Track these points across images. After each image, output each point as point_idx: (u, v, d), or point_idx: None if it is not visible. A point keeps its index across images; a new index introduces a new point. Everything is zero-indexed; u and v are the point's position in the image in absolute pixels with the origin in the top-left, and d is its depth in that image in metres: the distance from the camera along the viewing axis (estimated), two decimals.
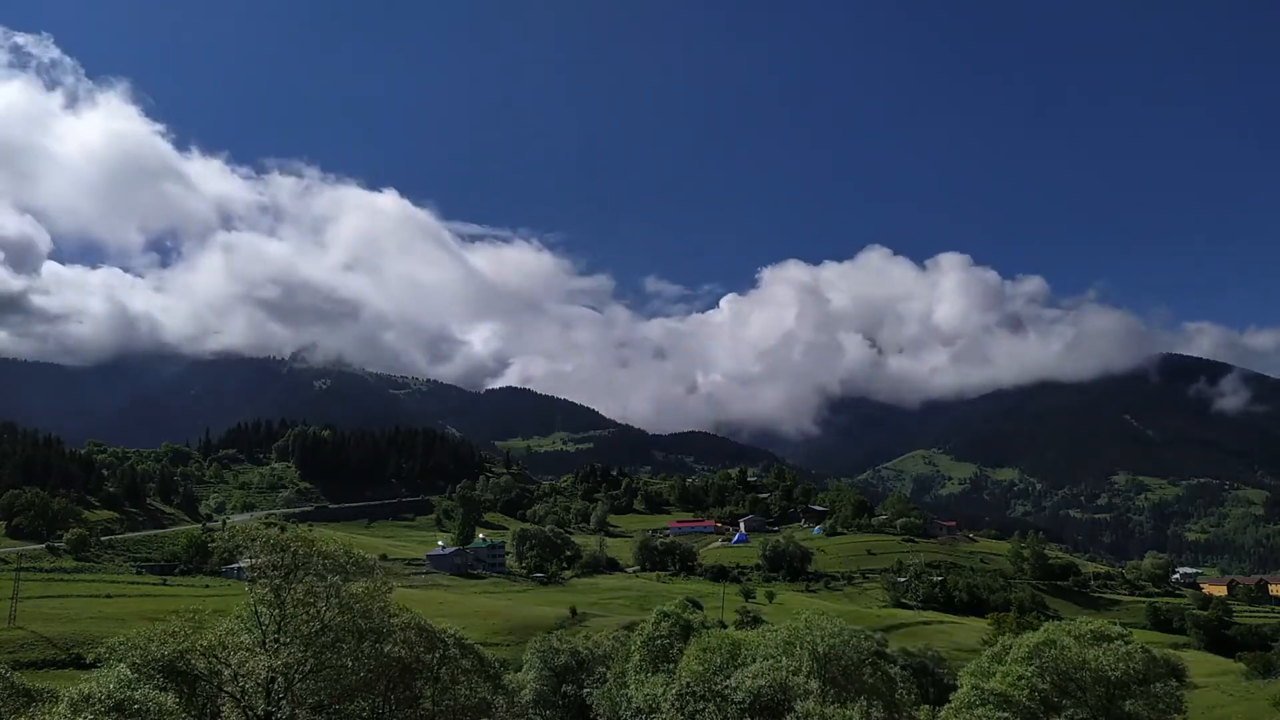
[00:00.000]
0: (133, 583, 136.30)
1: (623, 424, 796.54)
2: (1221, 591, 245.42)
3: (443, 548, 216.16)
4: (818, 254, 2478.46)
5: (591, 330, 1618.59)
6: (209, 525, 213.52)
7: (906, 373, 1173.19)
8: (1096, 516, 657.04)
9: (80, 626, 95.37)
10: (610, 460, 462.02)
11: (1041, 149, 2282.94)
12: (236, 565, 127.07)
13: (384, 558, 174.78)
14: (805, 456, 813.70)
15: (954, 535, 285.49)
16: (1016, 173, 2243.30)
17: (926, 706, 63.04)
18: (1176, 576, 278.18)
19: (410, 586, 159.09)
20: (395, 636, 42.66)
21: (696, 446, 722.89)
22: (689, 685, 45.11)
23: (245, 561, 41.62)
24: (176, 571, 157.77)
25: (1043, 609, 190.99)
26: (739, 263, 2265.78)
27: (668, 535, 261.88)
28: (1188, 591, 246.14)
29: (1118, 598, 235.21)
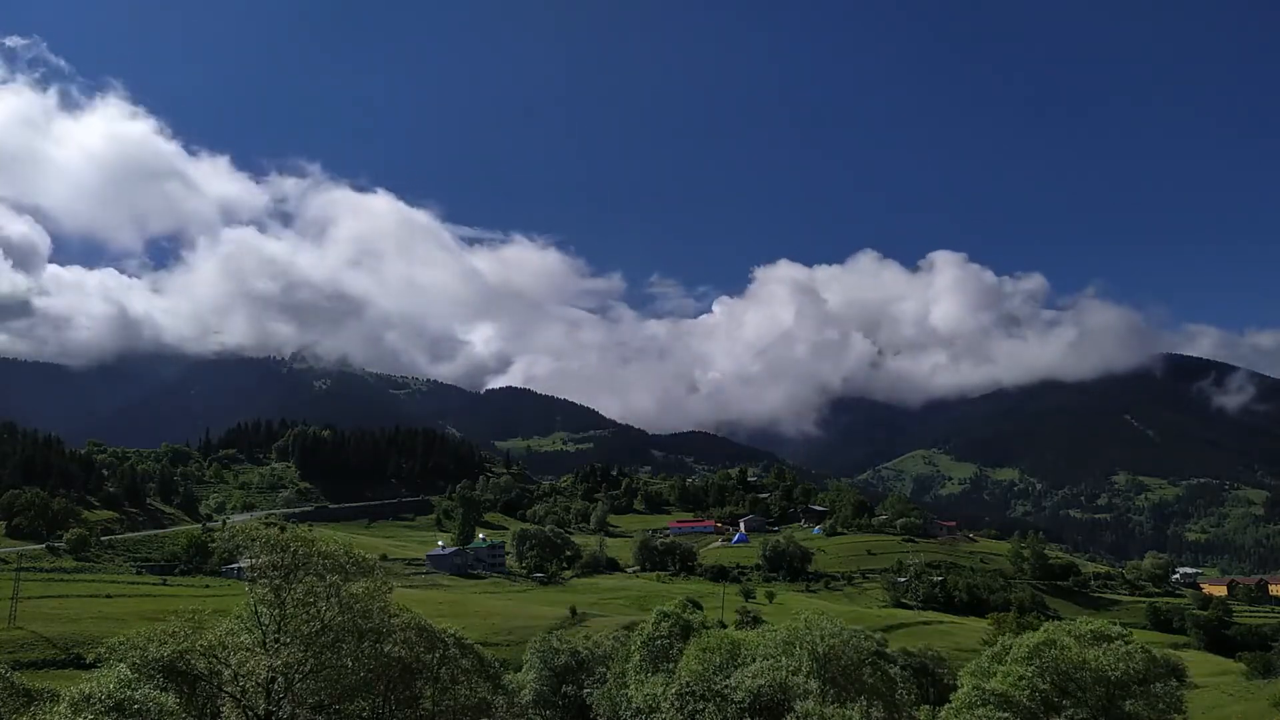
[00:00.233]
0: (133, 583, 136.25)
1: (623, 424, 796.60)
2: (1221, 591, 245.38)
3: (443, 548, 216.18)
4: (813, 255, 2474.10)
5: (590, 330, 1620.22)
6: (209, 525, 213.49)
7: (906, 373, 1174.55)
8: (1096, 516, 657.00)
9: (80, 626, 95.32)
10: (610, 460, 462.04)
11: (1038, 148, 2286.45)
12: (236, 565, 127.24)
13: (384, 558, 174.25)
14: (805, 456, 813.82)
15: (954, 535, 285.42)
16: (1013, 172, 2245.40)
17: (926, 706, 63.16)
18: (1176, 576, 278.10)
19: (410, 586, 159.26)
20: (395, 636, 42.68)
21: (696, 446, 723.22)
22: (689, 685, 45.10)
23: (245, 561, 41.62)
24: (176, 571, 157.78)
25: (1043, 609, 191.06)
26: (738, 263, 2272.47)
27: (668, 535, 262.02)
28: (1188, 591, 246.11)
29: (1118, 598, 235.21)
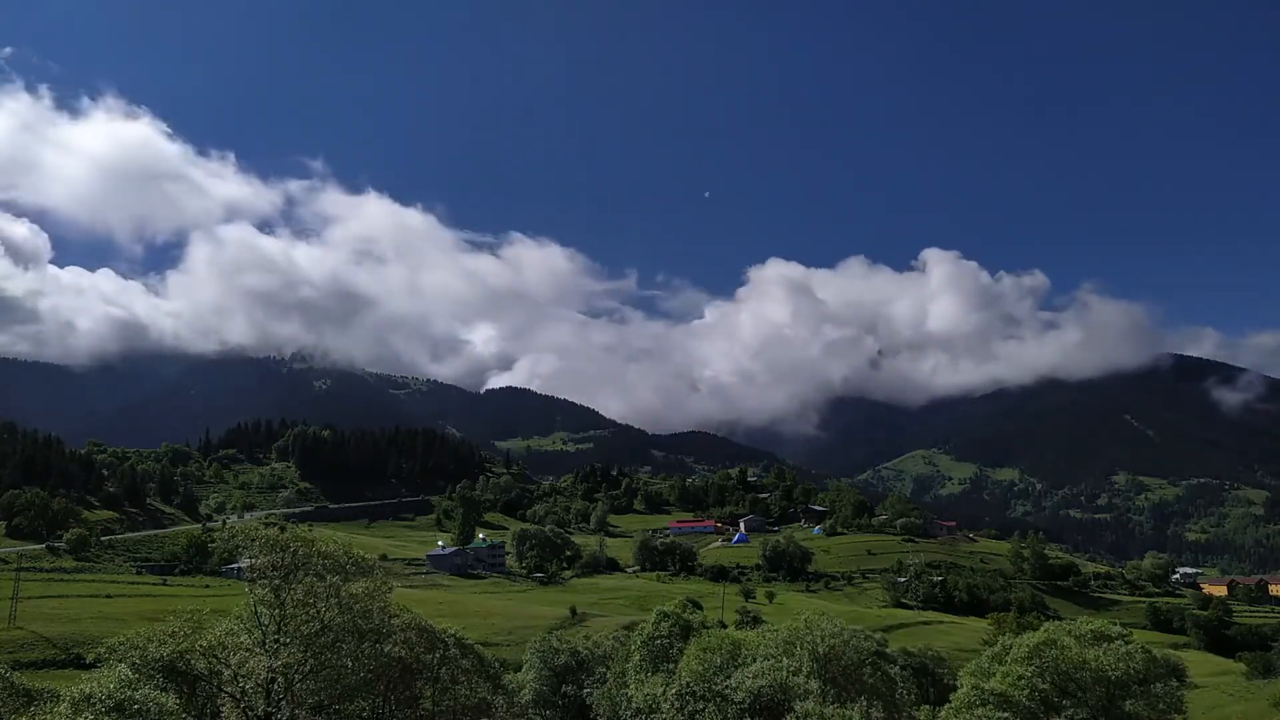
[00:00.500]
0: (133, 583, 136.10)
1: (623, 424, 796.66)
2: (1221, 591, 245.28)
3: (443, 548, 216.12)
4: (813, 254, 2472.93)
5: (590, 330, 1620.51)
6: (209, 525, 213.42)
7: (906, 373, 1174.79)
8: (1096, 516, 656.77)
9: (80, 626, 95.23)
10: (610, 460, 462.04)
11: (1036, 148, 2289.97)
12: (236, 565, 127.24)
13: (384, 558, 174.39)
14: (805, 456, 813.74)
15: (954, 535, 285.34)
16: (1010, 172, 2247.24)
17: (926, 706, 63.12)
18: (1176, 576, 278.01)
19: (410, 586, 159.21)
20: (395, 637, 42.68)
21: (696, 446, 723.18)
22: (689, 685, 45.09)
23: (245, 562, 41.58)
24: (176, 571, 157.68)
25: (1043, 609, 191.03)
26: (738, 263, 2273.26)
27: (668, 535, 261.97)
28: (1188, 591, 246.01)
29: (1118, 598, 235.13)
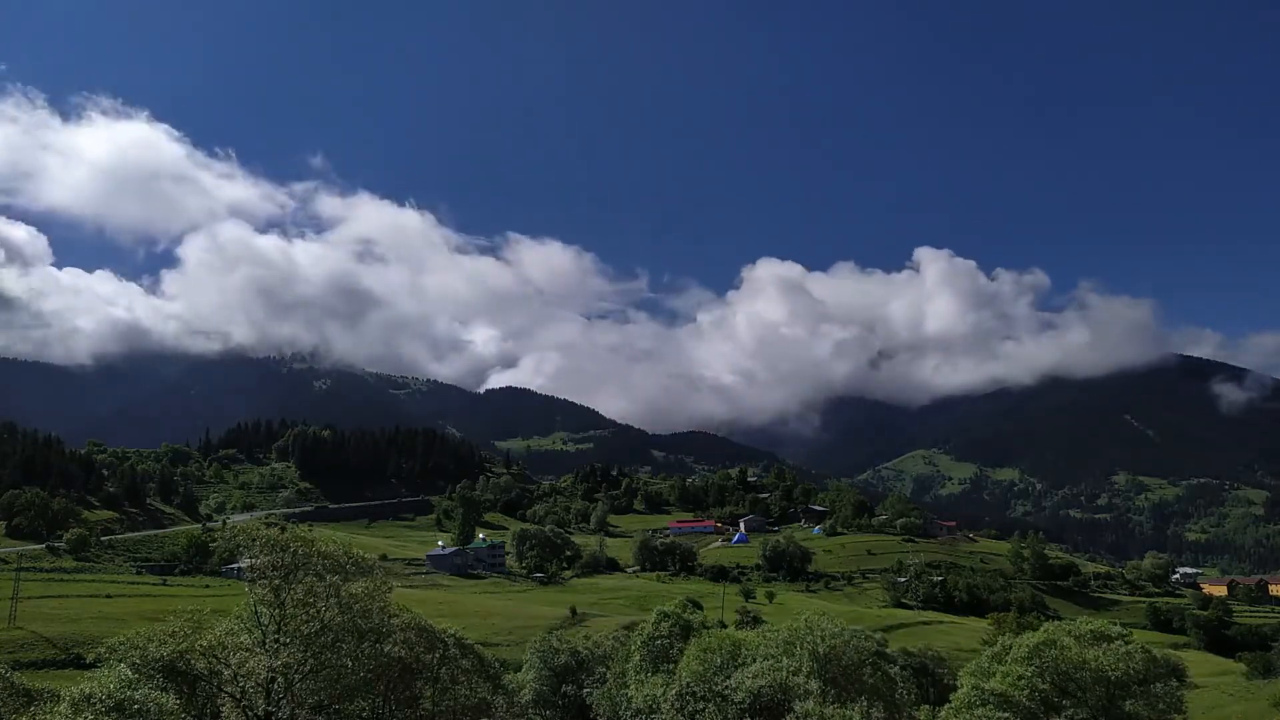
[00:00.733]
0: (133, 583, 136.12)
1: (623, 424, 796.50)
2: (1221, 591, 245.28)
3: (443, 548, 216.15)
4: (813, 254, 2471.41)
5: (590, 330, 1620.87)
6: (209, 525, 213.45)
7: (906, 373, 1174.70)
8: (1096, 516, 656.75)
9: (80, 626, 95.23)
10: (610, 460, 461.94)
11: (1034, 147, 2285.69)
12: (236, 565, 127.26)
13: (384, 558, 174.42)
14: (805, 456, 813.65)
15: (954, 535, 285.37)
16: (1008, 171, 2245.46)
17: (926, 706, 63.15)
18: (1176, 577, 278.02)
19: (410, 586, 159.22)
20: (395, 636, 42.68)
21: (696, 446, 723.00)
22: (689, 685, 45.09)
23: (245, 561, 41.59)
24: (176, 571, 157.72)
25: (1043, 609, 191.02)
26: (738, 263, 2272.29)
27: (668, 535, 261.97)
28: (1188, 592, 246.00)
29: (1118, 598, 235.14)
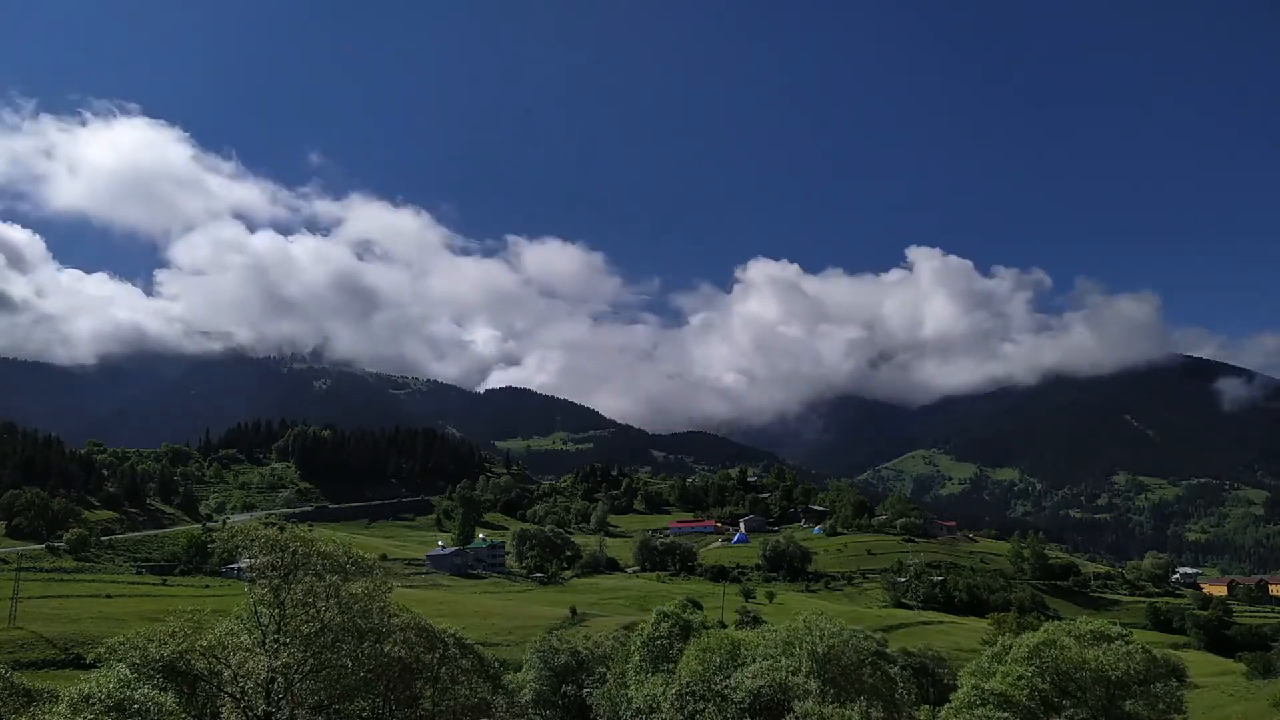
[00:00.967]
0: (133, 583, 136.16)
1: (623, 424, 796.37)
2: (1221, 591, 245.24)
3: (443, 548, 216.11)
4: (810, 255, 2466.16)
5: (590, 329, 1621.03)
6: (209, 525, 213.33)
7: (906, 373, 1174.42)
8: (1096, 516, 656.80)
9: (80, 626, 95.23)
10: (610, 460, 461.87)
11: (1029, 145, 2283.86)
12: (236, 565, 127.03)
13: (384, 558, 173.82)
14: (805, 456, 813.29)
15: (954, 535, 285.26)
16: (1007, 171, 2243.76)
17: (926, 706, 63.17)
18: (1176, 577, 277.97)
19: (410, 586, 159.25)
20: (395, 636, 42.68)
21: (696, 446, 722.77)
22: (689, 685, 45.09)
23: (245, 561, 41.58)
24: (176, 571, 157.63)
25: (1043, 609, 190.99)
26: (738, 263, 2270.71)
27: (668, 535, 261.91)
28: (1188, 592, 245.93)
29: (1118, 598, 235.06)
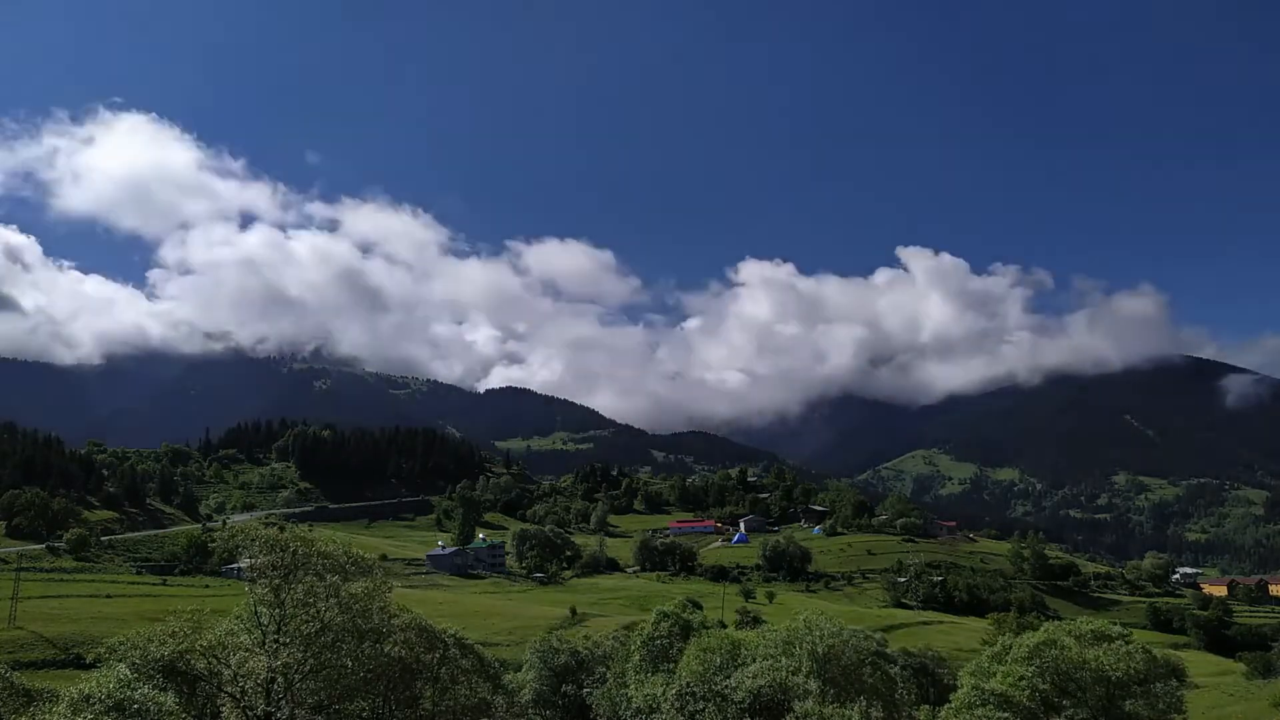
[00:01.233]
0: (133, 583, 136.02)
1: (623, 424, 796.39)
2: (1222, 592, 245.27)
3: (443, 548, 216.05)
4: (810, 255, 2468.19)
5: (589, 330, 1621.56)
6: (209, 525, 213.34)
7: (906, 373, 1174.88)
8: (1096, 516, 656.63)
9: (80, 626, 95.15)
10: (610, 460, 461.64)
11: (1032, 146, 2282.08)
12: (236, 565, 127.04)
13: (384, 558, 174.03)
14: (805, 456, 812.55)
15: (954, 535, 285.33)
16: (1008, 171, 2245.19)
17: (926, 706, 63.12)
18: (1176, 577, 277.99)
19: (410, 586, 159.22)
20: (395, 637, 42.69)
21: (696, 446, 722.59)
22: (689, 685, 45.09)
23: (245, 561, 41.58)
24: (176, 571, 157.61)
25: (1043, 609, 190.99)
26: (741, 264, 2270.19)
27: (668, 535, 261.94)
28: (1188, 592, 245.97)
29: (1118, 598, 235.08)
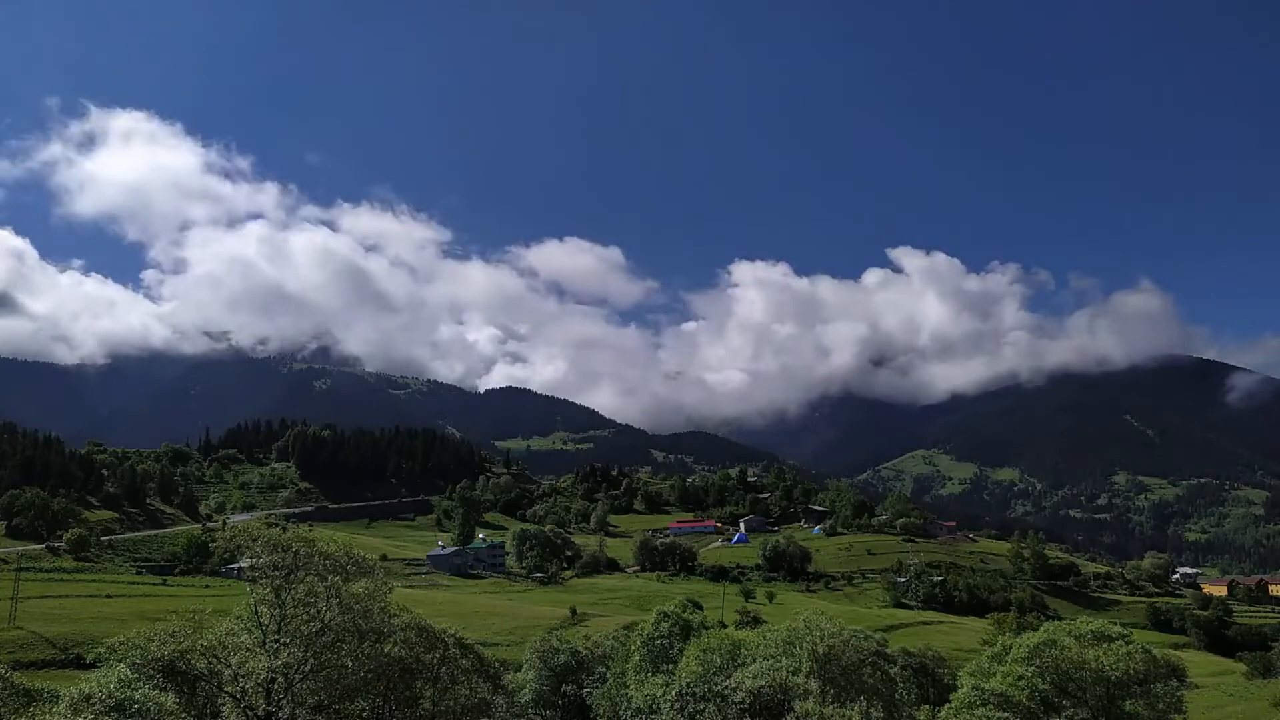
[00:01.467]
0: (133, 583, 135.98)
1: (623, 424, 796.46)
2: (1221, 591, 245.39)
3: (443, 548, 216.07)
4: (809, 255, 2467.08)
5: (590, 330, 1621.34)
6: (209, 525, 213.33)
7: (906, 373, 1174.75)
8: (1096, 516, 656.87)
9: (80, 626, 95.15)
10: (610, 460, 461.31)
11: (1032, 145, 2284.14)
12: (236, 565, 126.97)
13: (384, 558, 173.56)
14: (805, 456, 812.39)
15: (954, 535, 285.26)
16: (1008, 171, 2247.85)
17: (926, 706, 63.04)
18: (1177, 576, 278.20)
19: (410, 586, 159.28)
20: (395, 637, 42.64)
21: (696, 446, 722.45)
22: (689, 685, 45.08)
23: (245, 561, 41.57)
24: (176, 571, 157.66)
25: (1043, 609, 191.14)
26: (741, 264, 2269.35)
27: (668, 535, 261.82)
28: (1188, 592, 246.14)
29: (1118, 598, 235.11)
